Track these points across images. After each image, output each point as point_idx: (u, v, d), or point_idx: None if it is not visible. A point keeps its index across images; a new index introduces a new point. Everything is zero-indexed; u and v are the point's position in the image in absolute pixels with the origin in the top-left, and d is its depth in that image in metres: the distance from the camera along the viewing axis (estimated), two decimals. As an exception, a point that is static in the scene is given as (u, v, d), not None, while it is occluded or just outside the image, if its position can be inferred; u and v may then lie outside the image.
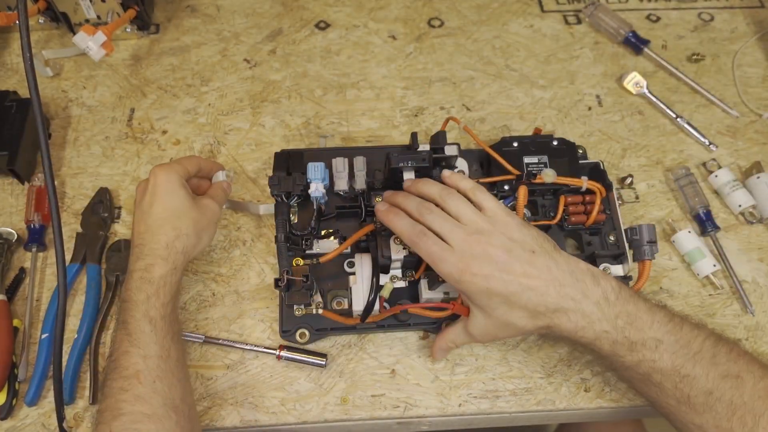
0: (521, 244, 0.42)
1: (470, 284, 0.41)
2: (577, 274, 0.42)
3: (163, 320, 0.44)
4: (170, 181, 0.48)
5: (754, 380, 0.40)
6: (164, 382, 0.42)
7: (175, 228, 0.47)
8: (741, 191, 0.58)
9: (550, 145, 0.55)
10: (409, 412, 0.49)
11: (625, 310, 0.41)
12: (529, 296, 0.41)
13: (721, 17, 0.73)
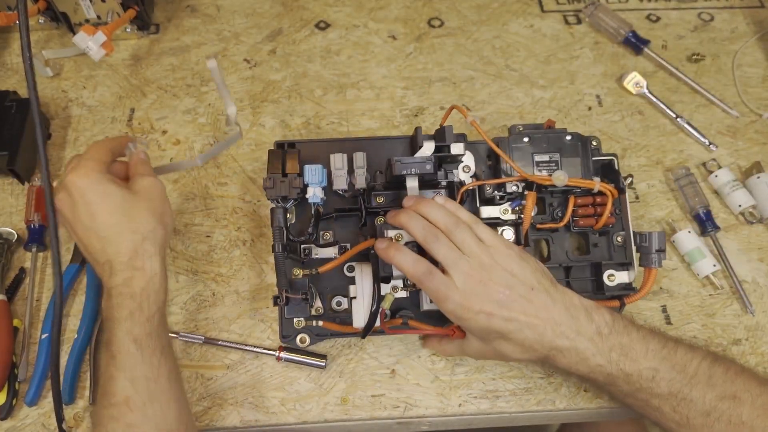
0: (522, 280, 0.42)
1: (472, 321, 0.42)
2: (572, 311, 0.42)
3: (150, 337, 0.40)
4: (94, 182, 0.41)
5: (752, 398, 0.40)
6: (156, 405, 0.39)
7: (134, 231, 0.41)
8: (741, 191, 0.58)
9: (562, 140, 0.51)
10: (409, 412, 0.49)
11: (618, 342, 0.42)
12: (527, 334, 0.42)
13: (721, 17, 0.73)
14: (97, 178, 0.41)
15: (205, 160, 0.51)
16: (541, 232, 0.53)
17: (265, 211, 0.58)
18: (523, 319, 0.41)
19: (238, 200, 0.58)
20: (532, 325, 0.41)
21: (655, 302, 0.54)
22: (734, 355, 0.52)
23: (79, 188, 0.41)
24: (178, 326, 0.52)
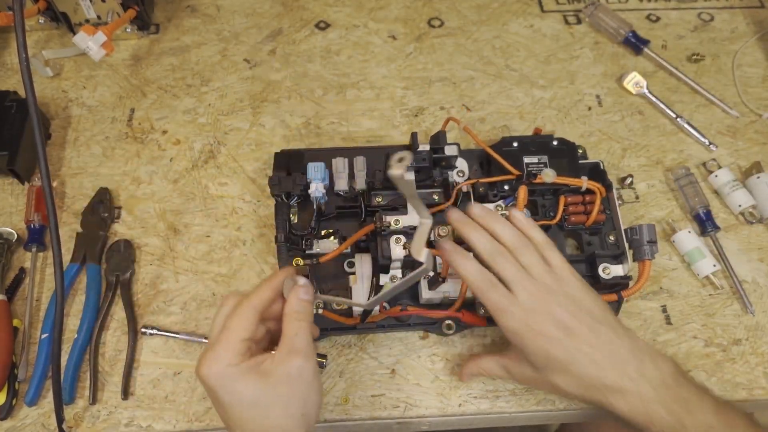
0: (588, 311, 0.41)
1: (531, 342, 0.40)
2: (636, 353, 0.40)
3: None
4: (224, 379, 0.36)
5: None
6: None
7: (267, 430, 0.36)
8: (741, 191, 0.58)
9: (550, 145, 0.55)
10: (409, 412, 0.49)
11: (681, 394, 0.39)
12: (589, 369, 0.39)
13: (721, 17, 0.73)
14: (228, 375, 0.36)
15: (378, 302, 0.46)
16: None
17: (265, 211, 0.58)
18: (587, 351, 0.39)
19: (238, 200, 0.58)
20: (596, 360, 0.39)
21: (655, 302, 0.54)
22: (734, 355, 0.52)
23: (210, 387, 0.36)
24: (178, 326, 0.52)
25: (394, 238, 0.48)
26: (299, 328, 0.38)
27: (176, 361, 0.51)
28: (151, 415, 0.48)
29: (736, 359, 0.52)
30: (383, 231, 0.48)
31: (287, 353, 0.37)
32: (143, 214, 0.57)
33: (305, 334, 0.38)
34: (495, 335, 0.52)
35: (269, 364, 0.36)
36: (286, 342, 0.37)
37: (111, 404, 0.49)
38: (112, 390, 0.49)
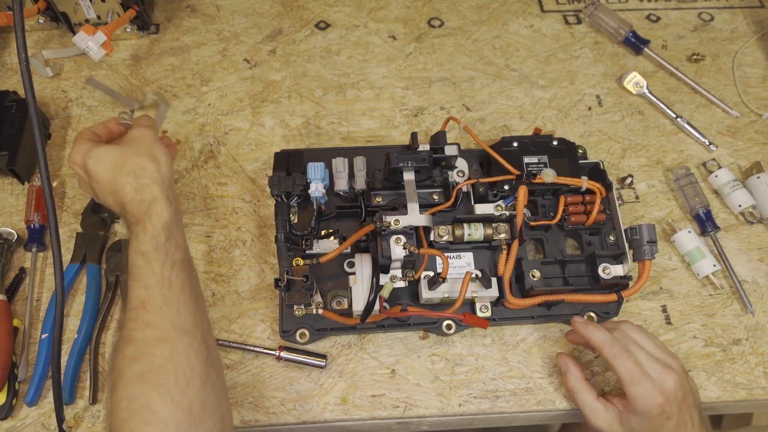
0: (693, 395, 0.46)
1: (652, 417, 0.43)
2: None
3: (156, 251, 0.43)
4: (87, 152, 0.46)
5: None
6: (171, 308, 0.42)
7: (126, 173, 0.45)
8: (741, 191, 0.58)
9: (550, 145, 0.55)
10: (409, 412, 0.49)
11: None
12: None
13: (721, 17, 0.73)
14: (88, 148, 0.46)
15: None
16: (535, 231, 0.54)
17: (265, 211, 0.58)
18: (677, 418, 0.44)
19: (238, 200, 0.58)
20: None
21: (655, 302, 0.54)
22: (734, 355, 0.52)
23: (78, 163, 0.46)
24: (178, 326, 0.52)
25: (394, 238, 0.48)
26: (141, 119, 0.51)
27: (176, 361, 0.51)
28: (151, 415, 0.48)
29: (736, 359, 0.52)
30: (383, 231, 0.48)
31: (130, 130, 0.49)
32: (143, 214, 0.57)
33: (143, 120, 0.50)
34: (495, 335, 0.52)
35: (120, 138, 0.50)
36: (141, 121, 0.50)
37: (111, 404, 0.49)
38: (112, 390, 0.49)
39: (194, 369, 0.40)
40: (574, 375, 0.48)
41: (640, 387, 0.43)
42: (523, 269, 0.50)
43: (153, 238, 0.44)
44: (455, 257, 0.52)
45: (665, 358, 0.46)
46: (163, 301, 0.42)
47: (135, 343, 0.40)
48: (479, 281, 0.50)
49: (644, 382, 0.44)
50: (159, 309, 0.41)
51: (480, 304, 0.51)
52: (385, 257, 0.47)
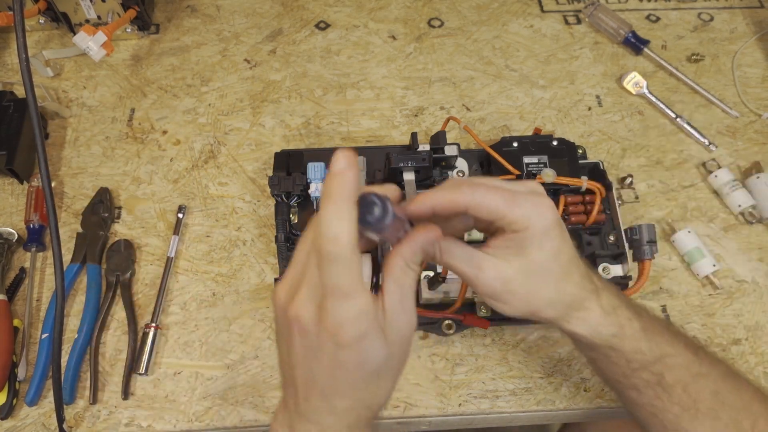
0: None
1: (558, 235, 0.35)
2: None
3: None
4: (362, 341, 0.30)
5: (746, 382, 0.40)
6: None
7: (369, 407, 0.32)
8: (740, 191, 0.58)
9: (550, 145, 0.55)
10: (409, 412, 0.49)
11: (633, 305, 0.40)
12: (576, 281, 0.36)
13: (721, 17, 0.73)
14: (366, 333, 0.30)
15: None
16: None
17: (265, 211, 0.58)
18: (581, 265, 0.37)
19: (238, 200, 0.58)
20: (583, 274, 0.37)
21: (655, 302, 0.54)
22: (733, 354, 0.52)
23: (339, 340, 0.29)
24: (178, 326, 0.52)
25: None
26: (413, 278, 0.32)
27: (176, 361, 0.51)
28: (152, 415, 0.48)
29: (735, 359, 0.52)
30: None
31: (401, 308, 0.31)
32: (143, 214, 0.57)
33: (415, 285, 0.32)
34: (495, 335, 0.53)
35: (382, 317, 0.30)
36: (397, 294, 0.31)
37: (111, 404, 0.49)
38: (113, 390, 0.49)
39: None
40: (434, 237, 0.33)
41: (525, 203, 0.34)
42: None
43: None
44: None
45: (524, 184, 0.36)
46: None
47: None
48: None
49: (524, 198, 0.34)
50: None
51: (480, 304, 0.51)
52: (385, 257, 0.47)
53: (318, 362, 0.30)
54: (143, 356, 0.50)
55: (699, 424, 0.38)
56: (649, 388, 0.39)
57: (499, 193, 0.33)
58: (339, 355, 0.30)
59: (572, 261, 0.36)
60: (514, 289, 0.35)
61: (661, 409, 0.39)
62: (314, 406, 0.32)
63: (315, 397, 0.31)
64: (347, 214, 0.28)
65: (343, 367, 0.30)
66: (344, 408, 0.31)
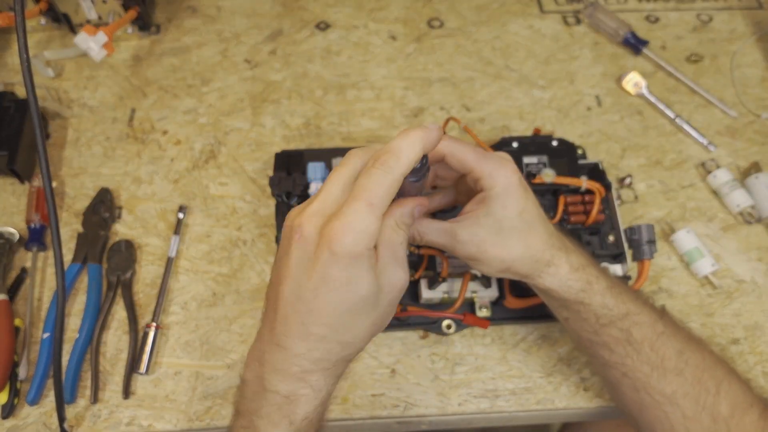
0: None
1: (520, 194, 0.38)
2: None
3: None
4: (353, 261, 0.31)
5: (710, 349, 0.42)
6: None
7: (343, 344, 0.33)
8: (739, 191, 0.58)
9: (549, 145, 0.55)
10: (408, 412, 0.49)
11: (600, 267, 0.42)
12: (543, 237, 0.39)
13: (720, 18, 0.73)
14: (360, 258, 0.31)
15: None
16: None
17: (266, 211, 0.58)
18: (546, 221, 0.41)
19: (238, 200, 0.59)
20: (548, 231, 0.41)
21: (655, 302, 0.55)
22: (732, 354, 0.52)
23: (333, 255, 0.30)
24: (178, 326, 0.52)
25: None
26: (403, 237, 0.34)
27: (177, 361, 0.51)
28: (152, 415, 0.49)
29: (734, 359, 0.52)
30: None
31: (393, 261, 0.33)
32: (144, 214, 0.57)
33: (406, 245, 0.35)
34: (495, 335, 0.53)
35: (378, 263, 0.33)
36: (389, 249, 0.33)
37: (112, 403, 0.49)
38: (113, 389, 0.49)
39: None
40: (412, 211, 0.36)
41: (491, 162, 0.37)
42: (522, 269, 0.51)
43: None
44: (455, 257, 0.52)
45: (495, 152, 0.40)
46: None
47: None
48: (479, 281, 0.50)
49: (492, 157, 0.37)
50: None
51: (480, 304, 0.51)
52: None
53: (307, 276, 0.31)
54: (144, 356, 0.50)
55: (666, 382, 0.40)
56: (620, 346, 0.41)
57: (471, 150, 0.38)
58: (329, 269, 0.31)
59: (537, 219, 0.39)
60: (487, 249, 0.39)
61: (632, 368, 0.41)
62: (290, 328, 0.32)
63: (293, 319, 0.32)
64: (417, 146, 0.32)
65: (330, 283, 0.31)
66: (318, 336, 0.32)
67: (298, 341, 0.32)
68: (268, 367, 0.33)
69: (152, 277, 0.54)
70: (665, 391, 0.40)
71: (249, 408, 0.34)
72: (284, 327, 0.32)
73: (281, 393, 0.32)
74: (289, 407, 0.32)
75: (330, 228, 0.30)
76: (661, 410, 0.40)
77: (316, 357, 0.32)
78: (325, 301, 0.31)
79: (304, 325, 0.32)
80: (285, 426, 0.32)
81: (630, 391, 0.42)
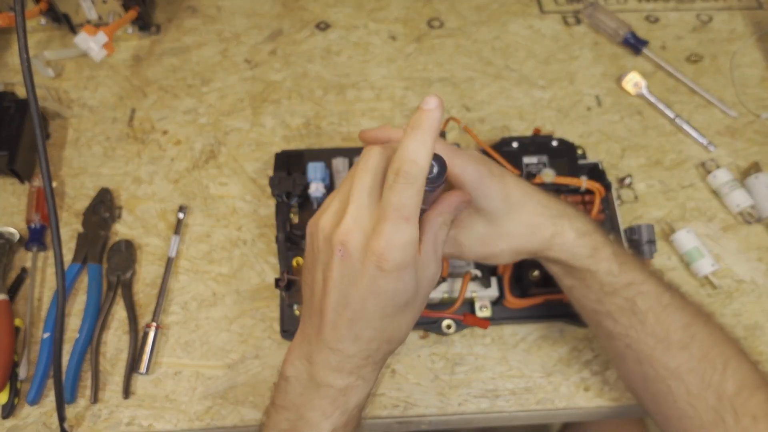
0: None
1: (511, 180, 0.40)
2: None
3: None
4: (403, 273, 0.32)
5: (720, 326, 0.41)
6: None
7: (389, 341, 0.34)
8: (739, 191, 0.58)
9: (549, 145, 0.55)
10: (408, 412, 0.49)
11: (605, 235, 0.42)
12: (542, 208, 0.40)
13: (720, 18, 0.73)
14: (407, 266, 0.32)
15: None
16: None
17: (266, 211, 0.58)
18: (543, 194, 0.42)
19: (238, 200, 0.59)
20: (547, 204, 0.41)
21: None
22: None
23: (381, 271, 0.31)
24: (178, 326, 0.52)
25: None
26: (443, 238, 0.35)
27: (177, 361, 0.51)
28: (152, 415, 0.49)
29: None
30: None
31: (432, 256, 0.34)
32: (144, 214, 0.57)
33: (444, 236, 0.35)
34: (495, 335, 0.53)
35: (420, 259, 0.33)
36: (430, 245, 0.34)
37: (112, 403, 0.49)
38: (113, 389, 0.49)
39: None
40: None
41: (457, 161, 0.37)
42: (522, 269, 0.51)
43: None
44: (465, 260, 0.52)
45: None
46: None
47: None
48: (479, 281, 0.50)
49: (459, 155, 0.38)
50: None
51: (480, 304, 0.51)
52: None
53: (355, 288, 0.32)
54: (144, 356, 0.50)
55: (671, 356, 0.39)
56: (624, 316, 0.41)
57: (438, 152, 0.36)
58: (377, 282, 0.31)
59: (525, 196, 0.40)
60: (493, 242, 0.40)
61: (636, 339, 0.41)
62: (340, 334, 0.33)
63: (342, 325, 0.33)
64: (430, 144, 0.31)
65: (379, 295, 0.32)
66: (368, 338, 0.33)
67: (349, 344, 0.34)
68: (321, 366, 0.34)
69: (152, 277, 0.54)
70: (669, 365, 0.39)
71: (296, 402, 0.35)
72: (334, 332, 0.34)
73: (336, 387, 0.34)
74: (343, 398, 0.34)
75: (376, 247, 0.31)
76: (664, 384, 0.40)
77: (367, 355, 0.34)
78: (373, 309, 0.33)
79: (354, 330, 0.33)
80: (338, 415, 0.34)
81: (634, 363, 0.41)
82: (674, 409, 0.40)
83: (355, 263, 0.32)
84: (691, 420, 0.39)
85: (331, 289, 0.33)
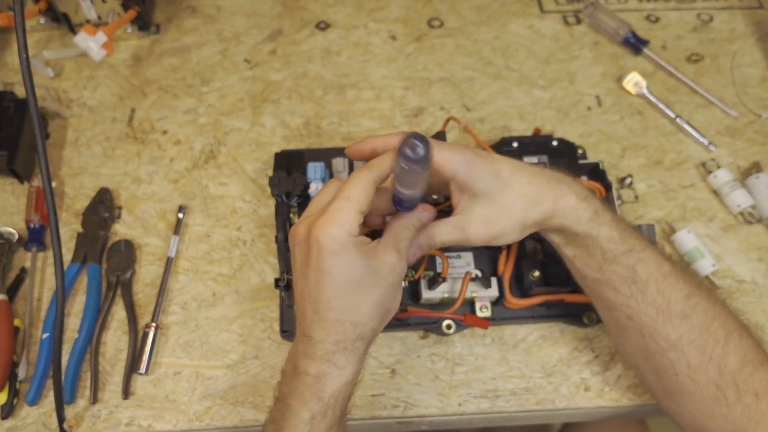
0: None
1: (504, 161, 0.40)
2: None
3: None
4: (339, 248, 0.35)
5: (722, 301, 0.41)
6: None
7: (354, 324, 0.36)
8: (740, 191, 0.58)
9: (549, 145, 0.55)
10: (408, 412, 0.49)
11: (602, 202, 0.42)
12: (541, 179, 0.40)
13: (720, 18, 0.73)
14: (345, 243, 0.35)
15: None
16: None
17: (266, 211, 0.58)
18: (540, 170, 0.42)
19: (238, 200, 0.58)
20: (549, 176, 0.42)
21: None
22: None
23: (321, 250, 0.35)
24: (178, 326, 0.52)
25: None
26: (407, 237, 0.39)
27: (176, 361, 0.51)
28: (152, 415, 0.48)
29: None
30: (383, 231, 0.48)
31: (391, 247, 0.38)
32: (144, 214, 0.57)
33: (409, 244, 0.39)
34: (495, 335, 0.53)
35: (373, 248, 0.37)
36: (391, 239, 0.38)
37: (112, 404, 0.49)
38: (113, 389, 0.49)
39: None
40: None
41: (443, 153, 0.38)
42: (522, 269, 0.50)
43: (328, 430, 0.37)
44: (455, 257, 0.52)
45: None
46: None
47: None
48: (479, 281, 0.50)
49: (444, 148, 0.39)
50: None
51: (480, 304, 0.51)
52: None
53: (309, 269, 0.36)
54: (143, 356, 0.50)
55: (672, 327, 0.39)
56: (624, 285, 0.40)
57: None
58: (322, 260, 0.35)
59: (515, 171, 0.40)
60: (496, 221, 0.40)
61: (637, 310, 0.40)
62: (309, 319, 0.37)
63: (309, 311, 0.37)
64: (368, 182, 0.36)
65: (325, 272, 0.35)
66: (332, 321, 0.36)
67: (317, 329, 0.36)
68: (299, 355, 0.37)
69: (152, 277, 0.54)
70: (670, 337, 0.39)
71: (284, 392, 0.38)
72: (304, 319, 0.37)
73: (311, 374, 0.36)
74: (318, 386, 0.36)
75: (315, 225, 0.35)
76: (665, 357, 0.39)
77: (335, 339, 0.36)
78: (327, 288, 0.36)
79: (318, 314, 0.36)
80: (314, 402, 0.36)
81: (635, 336, 0.41)
82: (675, 384, 0.40)
83: (304, 247, 0.36)
84: (692, 395, 0.39)
85: (296, 278, 0.38)
